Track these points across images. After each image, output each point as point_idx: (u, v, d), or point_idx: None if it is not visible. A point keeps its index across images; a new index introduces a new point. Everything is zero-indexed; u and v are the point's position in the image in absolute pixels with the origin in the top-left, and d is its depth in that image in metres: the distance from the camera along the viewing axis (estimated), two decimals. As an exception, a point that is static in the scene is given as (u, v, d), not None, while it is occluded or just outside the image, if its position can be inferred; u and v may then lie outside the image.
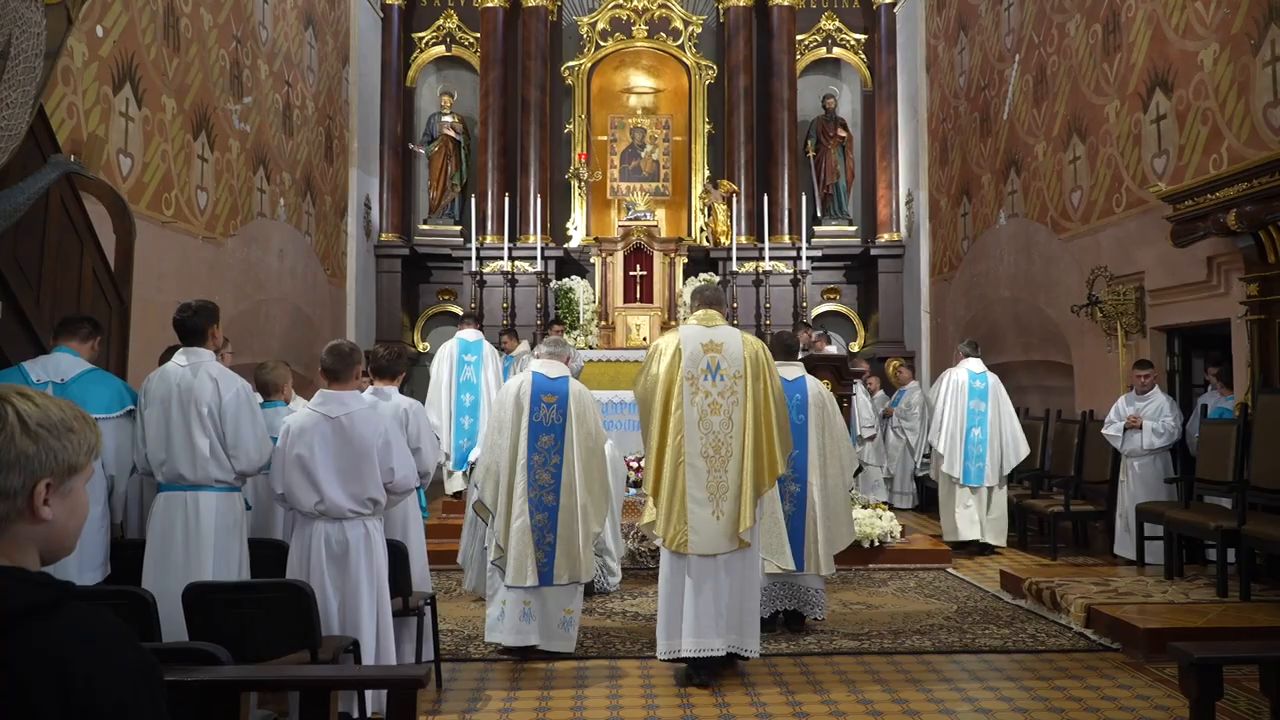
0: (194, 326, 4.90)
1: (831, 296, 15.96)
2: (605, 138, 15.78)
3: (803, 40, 15.87)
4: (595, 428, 6.21)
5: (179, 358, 4.89)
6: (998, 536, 9.79)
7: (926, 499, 12.67)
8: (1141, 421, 8.57)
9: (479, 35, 15.62)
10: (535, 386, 6.18)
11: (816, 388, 6.86)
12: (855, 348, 15.51)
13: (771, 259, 14.80)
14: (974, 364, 10.07)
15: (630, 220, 14.38)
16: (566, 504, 6.05)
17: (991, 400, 9.83)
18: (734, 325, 6.29)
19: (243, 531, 4.90)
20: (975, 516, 9.71)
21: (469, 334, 11.00)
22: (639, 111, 16.14)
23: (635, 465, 9.58)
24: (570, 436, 6.10)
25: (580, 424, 6.13)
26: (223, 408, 4.77)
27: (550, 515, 6.04)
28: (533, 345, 12.81)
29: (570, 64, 15.93)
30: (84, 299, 6.07)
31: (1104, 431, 8.89)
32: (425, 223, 15.82)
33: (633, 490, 9.37)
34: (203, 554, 4.69)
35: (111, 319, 6.40)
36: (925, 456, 12.15)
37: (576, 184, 15.59)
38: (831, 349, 10.87)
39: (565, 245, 15.46)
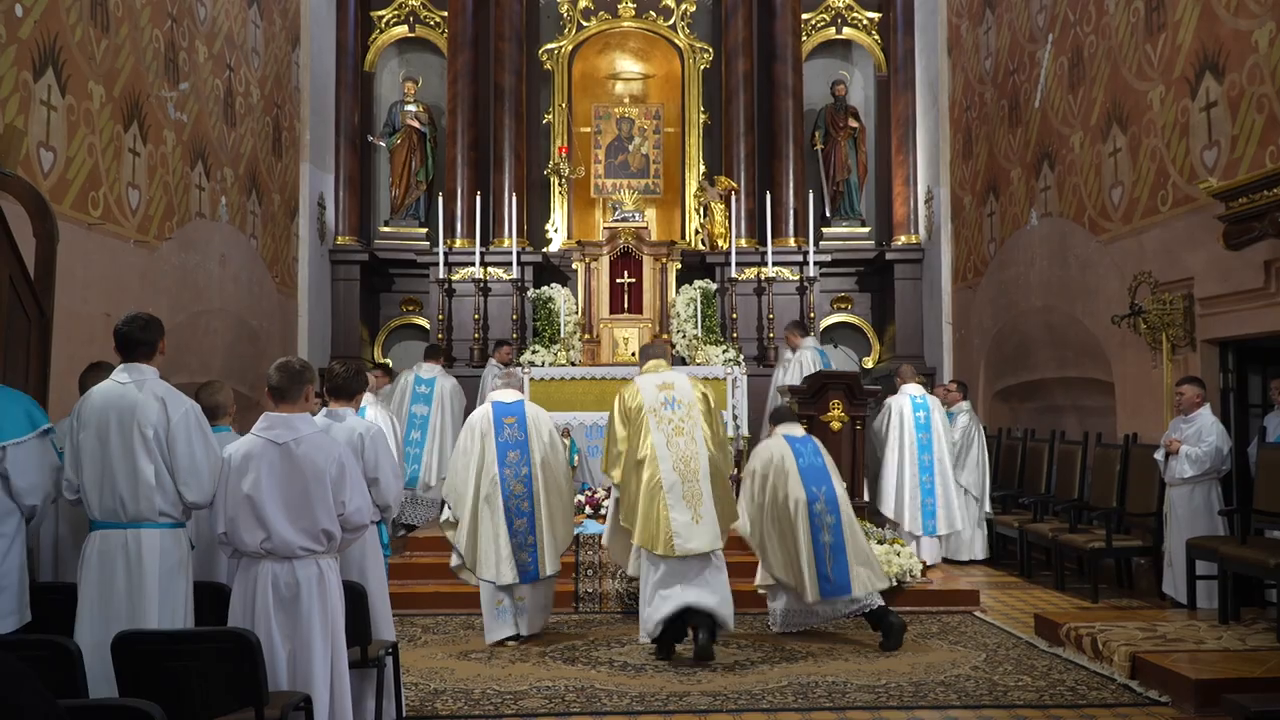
0: (142, 340, 4.87)
1: (842, 306, 15.98)
2: (588, 129, 15.77)
3: (809, 19, 15.93)
4: (551, 438, 8.06)
5: (119, 375, 4.85)
6: None
7: (999, 547, 11.71)
8: (1178, 446, 8.55)
9: (446, 14, 15.61)
10: (496, 412, 8.01)
11: (818, 442, 8.53)
12: (869, 363, 15.52)
13: (775, 264, 14.82)
14: (812, 341, 12.86)
15: (617, 221, 14.38)
16: (540, 508, 7.83)
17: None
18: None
19: (188, 573, 4.86)
20: None
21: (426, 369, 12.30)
22: (626, 100, 16.17)
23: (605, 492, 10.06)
24: (533, 449, 7.93)
25: (538, 437, 7.96)
26: (171, 430, 4.73)
27: (529, 520, 7.79)
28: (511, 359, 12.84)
29: (549, 46, 15.96)
30: (-1, 310, 6.05)
31: (1155, 456, 8.93)
32: (387, 224, 15.79)
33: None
34: (146, 599, 4.64)
35: (31, 332, 6.37)
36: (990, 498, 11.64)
37: (556, 181, 15.60)
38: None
39: (544, 250, 15.46)
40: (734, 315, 14.70)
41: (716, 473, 7.52)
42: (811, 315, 14.92)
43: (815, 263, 14.85)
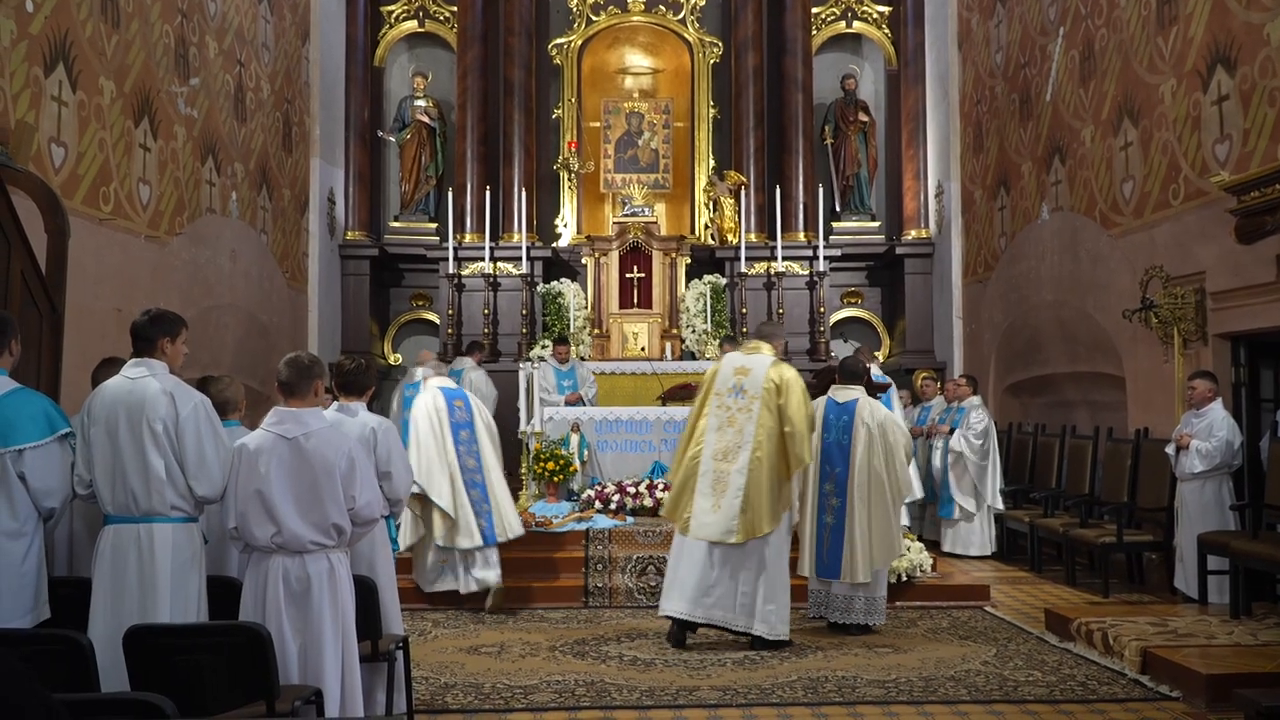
0: (145, 335, 4.88)
1: (852, 301, 15.97)
2: (598, 124, 15.79)
3: (819, 13, 15.92)
4: (488, 418, 9.10)
5: (128, 370, 4.86)
6: None
7: (1010, 542, 11.52)
8: (1189, 441, 8.53)
9: (455, 9, 15.64)
10: (446, 396, 8.84)
11: (867, 412, 8.13)
12: (879, 358, 15.49)
13: (785, 259, 14.81)
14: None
15: (626, 216, 14.40)
16: (489, 478, 8.74)
17: None
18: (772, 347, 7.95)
19: (201, 567, 4.86)
20: None
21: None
22: (635, 94, 16.17)
23: (663, 487, 9.99)
24: (478, 427, 8.83)
25: (480, 417, 8.93)
26: (180, 424, 4.72)
27: (481, 490, 8.66)
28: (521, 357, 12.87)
29: (558, 41, 15.97)
30: (11, 305, 6.06)
31: (1166, 451, 8.91)
32: (396, 219, 15.83)
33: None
34: (159, 593, 4.64)
35: (43, 328, 6.39)
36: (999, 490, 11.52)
37: (566, 176, 15.61)
38: (875, 368, 11.72)
39: (554, 244, 15.48)
40: (744, 310, 14.70)
41: (758, 468, 7.47)
42: (822, 310, 14.93)
43: (825, 257, 14.87)
